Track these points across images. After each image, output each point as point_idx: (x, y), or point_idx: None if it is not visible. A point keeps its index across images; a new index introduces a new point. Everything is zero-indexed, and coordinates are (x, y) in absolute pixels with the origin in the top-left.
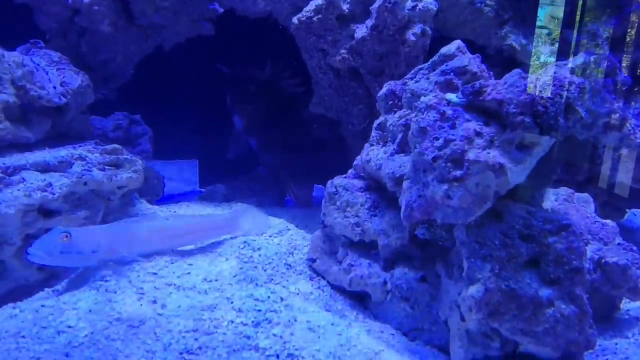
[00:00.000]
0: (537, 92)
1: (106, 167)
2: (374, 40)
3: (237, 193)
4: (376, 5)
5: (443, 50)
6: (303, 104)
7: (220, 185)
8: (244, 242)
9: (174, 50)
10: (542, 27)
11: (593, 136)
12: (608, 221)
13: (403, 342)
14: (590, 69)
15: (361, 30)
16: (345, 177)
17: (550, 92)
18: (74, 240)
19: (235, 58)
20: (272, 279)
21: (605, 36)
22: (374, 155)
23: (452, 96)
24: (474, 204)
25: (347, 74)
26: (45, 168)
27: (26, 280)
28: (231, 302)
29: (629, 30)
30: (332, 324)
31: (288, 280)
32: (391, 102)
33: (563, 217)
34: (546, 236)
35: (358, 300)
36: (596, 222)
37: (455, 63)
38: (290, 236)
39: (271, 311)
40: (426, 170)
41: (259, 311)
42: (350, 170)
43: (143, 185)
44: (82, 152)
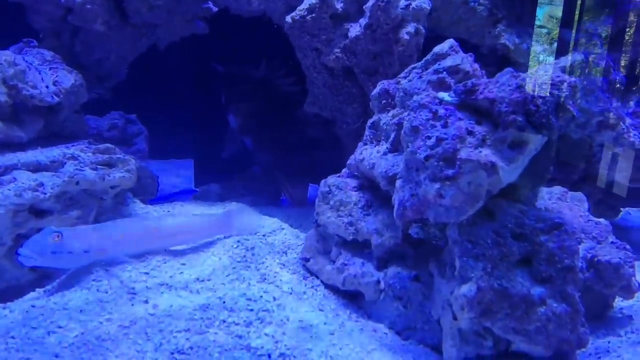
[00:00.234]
0: (529, 91)
1: (99, 167)
2: (368, 39)
3: (232, 192)
4: (369, 4)
5: (436, 49)
6: (298, 103)
7: (214, 184)
8: (237, 242)
9: (169, 49)
10: (541, 27)
11: (587, 135)
12: (601, 220)
13: (396, 341)
14: (584, 68)
15: (355, 29)
16: (338, 176)
17: (542, 91)
18: (66, 240)
19: (229, 57)
20: (265, 279)
21: (600, 35)
22: (368, 154)
23: (445, 95)
24: (466, 203)
25: (341, 73)
26: (36, 167)
27: (17, 280)
28: (223, 302)
29: (624, 29)
30: (325, 323)
31: (281, 279)
32: (384, 101)
33: (555, 216)
34: (538, 235)
35: (351, 299)
36: (589, 221)
37: (448, 62)
38: (284, 235)
39: (264, 310)
40: (418, 169)
41: (251, 311)
42: (344, 169)
43: (137, 184)
44: (75, 152)
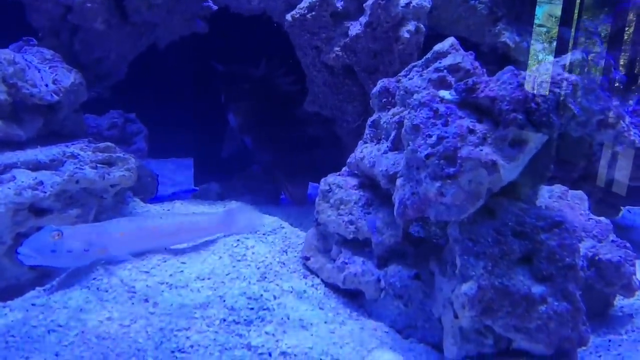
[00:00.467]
0: (530, 90)
1: (99, 165)
2: (368, 37)
3: (232, 191)
4: (370, 2)
5: (437, 47)
6: (298, 102)
7: (214, 183)
8: (237, 240)
9: (169, 47)
10: (540, 25)
11: (587, 133)
12: (602, 218)
13: (397, 340)
14: (584, 67)
15: (355, 27)
16: (339, 175)
17: (543, 89)
18: (65, 239)
19: (229, 56)
20: (266, 277)
21: (600, 34)
22: (368, 152)
23: (445, 93)
24: (467, 201)
25: (341, 72)
26: (36, 166)
27: (17, 279)
28: (223, 300)
29: (625, 27)
30: (325, 322)
31: (281, 278)
32: (385, 100)
33: (556, 214)
34: (539, 233)
35: (352, 298)
36: (590, 220)
37: (448, 60)
38: (284, 234)
39: (264, 309)
40: (419, 167)
41: (252, 309)
42: (344, 167)
43: (137, 183)
44: (75, 150)
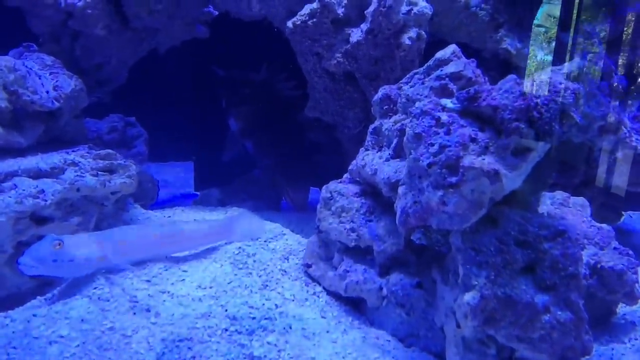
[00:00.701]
0: (532, 98)
1: (99, 173)
2: (369, 44)
3: (233, 197)
4: (371, 9)
5: (438, 54)
6: (299, 107)
7: (215, 189)
8: (239, 248)
9: (170, 52)
10: (539, 26)
11: (589, 139)
12: (604, 225)
13: (399, 349)
14: (585, 73)
15: (356, 34)
16: (340, 182)
17: (545, 98)
18: (67, 248)
19: (230, 61)
20: (267, 285)
21: (600, 38)
22: (369, 160)
23: (447, 102)
24: (469, 210)
25: (343, 78)
26: (37, 174)
27: (18, 288)
28: (225, 310)
29: (625, 31)
30: (328, 331)
31: (283, 286)
32: (386, 107)
33: (559, 223)
34: (542, 242)
35: (354, 306)
36: (592, 227)
37: (450, 68)
38: (285, 241)
39: (266, 319)
40: (421, 176)
41: (254, 319)
42: (345, 174)
43: (137, 189)
44: (75, 158)
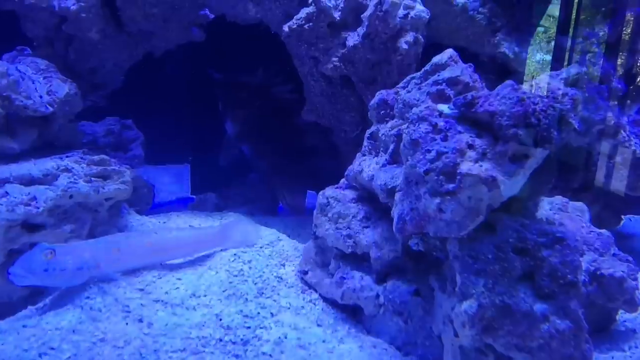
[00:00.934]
0: (530, 104)
1: (93, 179)
2: (366, 48)
3: (229, 201)
4: (367, 13)
5: (435, 59)
6: (295, 111)
7: (211, 194)
8: (234, 255)
9: (167, 55)
10: (539, 25)
11: (588, 143)
12: (603, 231)
13: (396, 357)
14: (584, 77)
15: (353, 38)
16: (337, 188)
17: (543, 104)
18: (58, 257)
19: (227, 64)
20: (263, 293)
21: (599, 42)
22: (366, 165)
23: (444, 107)
24: (467, 218)
25: (339, 82)
26: (30, 181)
27: (9, 297)
28: (220, 319)
29: (623, 36)
30: (324, 341)
31: (279, 293)
32: (383, 112)
33: (557, 230)
34: (540, 249)
35: (350, 313)
36: (591, 232)
37: (447, 73)
38: (281, 247)
39: (261, 328)
40: (418, 183)
41: (248, 328)
42: (342, 180)
43: (133, 194)
44: (69, 164)
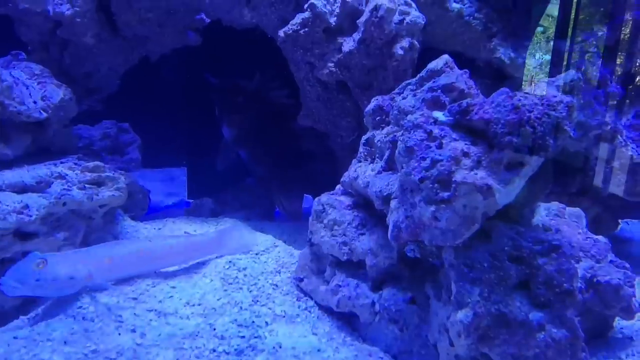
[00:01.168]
0: (525, 112)
1: (87, 186)
2: (362, 54)
3: (226, 206)
4: (363, 19)
5: (431, 65)
6: (292, 116)
7: (207, 199)
8: (229, 262)
9: (163, 60)
10: (539, 25)
11: (584, 148)
12: (600, 237)
13: None
14: (580, 84)
15: (348, 43)
16: (332, 194)
17: (538, 112)
18: (50, 267)
19: (223, 68)
20: (258, 301)
21: (596, 46)
22: (362, 172)
23: (439, 114)
24: (462, 226)
25: (335, 87)
26: (22, 189)
27: (1, 307)
28: (214, 329)
29: (621, 40)
30: (319, 350)
31: (274, 301)
32: (379, 118)
33: (553, 238)
34: (536, 258)
35: (346, 321)
36: (588, 239)
37: (442, 80)
38: (277, 253)
39: (255, 337)
40: (413, 190)
41: (243, 338)
42: (337, 186)
43: (128, 200)
44: (62, 170)
